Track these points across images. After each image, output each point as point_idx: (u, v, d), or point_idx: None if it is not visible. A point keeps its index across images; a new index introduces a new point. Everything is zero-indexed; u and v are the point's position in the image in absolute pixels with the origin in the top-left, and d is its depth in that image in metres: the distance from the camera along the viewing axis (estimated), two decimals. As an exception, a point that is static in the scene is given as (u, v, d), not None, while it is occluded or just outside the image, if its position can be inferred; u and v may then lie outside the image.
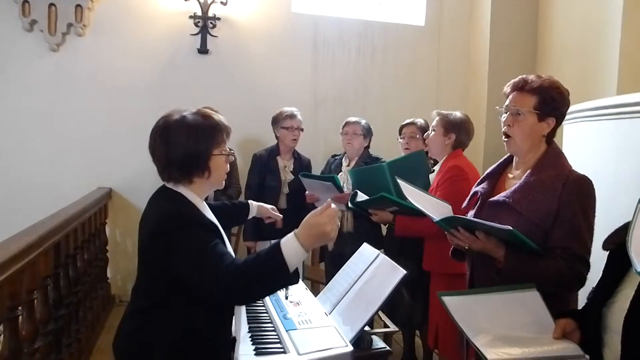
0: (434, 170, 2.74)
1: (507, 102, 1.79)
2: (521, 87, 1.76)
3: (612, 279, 1.38)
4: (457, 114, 2.67)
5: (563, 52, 3.87)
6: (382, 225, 3.15)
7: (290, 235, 1.33)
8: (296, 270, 1.33)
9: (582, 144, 2.78)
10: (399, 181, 2.04)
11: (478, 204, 1.88)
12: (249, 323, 1.76)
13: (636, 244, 1.02)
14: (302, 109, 3.60)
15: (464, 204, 2.03)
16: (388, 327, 1.99)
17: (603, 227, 1.68)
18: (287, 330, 1.65)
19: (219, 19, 4.08)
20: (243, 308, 1.76)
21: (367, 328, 1.81)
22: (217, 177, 1.52)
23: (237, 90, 4.20)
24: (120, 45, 4.05)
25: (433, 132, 2.64)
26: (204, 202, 1.59)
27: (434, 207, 1.89)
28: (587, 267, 1.63)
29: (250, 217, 2.09)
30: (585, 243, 1.63)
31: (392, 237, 2.87)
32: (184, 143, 1.44)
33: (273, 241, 1.35)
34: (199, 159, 1.46)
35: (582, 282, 1.63)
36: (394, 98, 4.43)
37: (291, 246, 1.31)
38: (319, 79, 4.37)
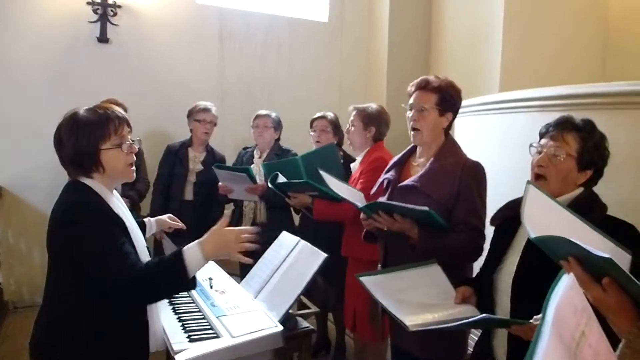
0: (354, 160, 2.86)
1: (411, 100, 2.00)
2: (424, 87, 1.98)
3: (499, 249, 1.62)
4: (373, 106, 2.76)
5: (453, 52, 4.22)
6: (292, 215, 3.27)
7: (195, 243, 1.43)
8: (194, 277, 1.43)
9: (471, 135, 3.11)
10: (322, 173, 2.16)
11: (389, 190, 2.08)
12: (176, 314, 1.79)
13: (528, 216, 1.22)
14: (209, 101, 3.59)
15: (373, 191, 2.22)
16: (309, 308, 2.11)
17: (489, 206, 1.95)
18: (217, 317, 1.70)
19: (119, 6, 3.91)
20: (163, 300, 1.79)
21: (291, 310, 1.91)
22: (115, 170, 1.50)
23: (141, 81, 4.06)
24: (11, 31, 3.72)
25: (353, 127, 2.71)
26: (114, 193, 1.57)
27: (351, 195, 2.06)
28: (484, 238, 1.88)
29: (150, 234, 1.97)
30: (482, 218, 1.88)
31: (307, 226, 3.00)
32: (68, 141, 1.44)
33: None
34: (86, 155, 1.45)
35: (480, 251, 1.88)
36: (300, 92, 4.55)
37: (193, 254, 1.41)
38: (226, 71, 4.36)
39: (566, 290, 0.83)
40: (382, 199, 2.07)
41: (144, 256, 1.53)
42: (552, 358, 0.74)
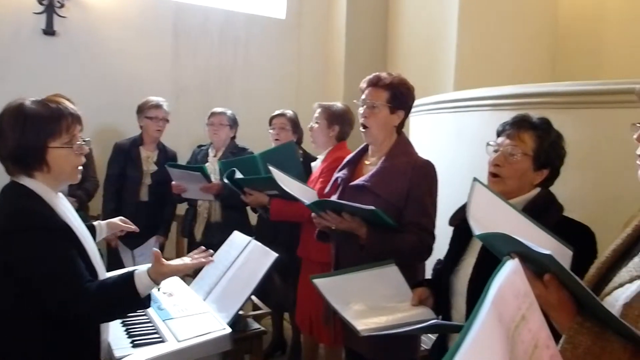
0: (316, 159, 2.83)
1: (363, 97, 1.99)
2: (375, 83, 1.97)
3: (456, 251, 1.61)
4: (339, 105, 2.74)
5: (409, 50, 4.25)
6: (249, 215, 3.22)
7: (143, 272, 1.37)
8: (149, 295, 1.39)
9: (425, 134, 3.14)
10: (271, 168, 2.12)
11: (340, 188, 2.07)
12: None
13: (473, 213, 1.22)
14: (163, 97, 3.48)
15: (327, 190, 2.21)
16: (260, 309, 2.07)
17: (443, 205, 1.96)
18: (163, 320, 1.65)
19: (67, -2, 3.75)
20: None
21: (241, 312, 1.87)
22: (61, 172, 1.39)
23: (91, 77, 3.90)
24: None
25: (317, 124, 2.69)
26: (60, 195, 1.47)
27: (303, 193, 2.03)
28: (433, 238, 1.89)
29: (100, 238, 1.84)
30: (432, 218, 1.89)
31: (265, 226, 2.95)
32: (12, 133, 1.33)
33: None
34: (32, 151, 1.34)
35: (430, 252, 1.89)
36: (257, 89, 4.49)
37: (143, 281, 1.36)
38: (180, 67, 4.25)
39: (509, 274, 0.82)
40: (334, 198, 2.05)
41: (97, 265, 1.44)
42: (488, 333, 0.72)
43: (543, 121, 1.54)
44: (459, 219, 1.63)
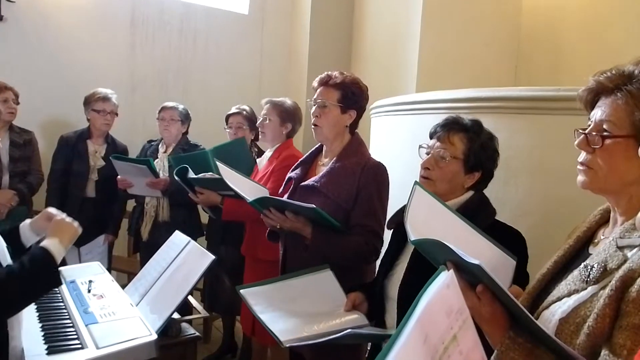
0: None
1: (314, 96, 1.97)
2: (326, 82, 1.94)
3: (392, 254, 1.59)
4: (289, 102, 2.69)
5: (373, 50, 4.21)
6: (199, 213, 3.11)
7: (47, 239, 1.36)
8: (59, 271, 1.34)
9: (385, 135, 3.09)
10: (218, 164, 2.08)
11: (292, 188, 2.03)
12: (42, 321, 1.59)
13: (411, 218, 1.17)
14: (118, 90, 3.35)
15: (281, 189, 2.16)
16: (199, 313, 1.97)
17: (398, 208, 1.92)
18: (86, 325, 1.53)
19: (15, -19, 3.56)
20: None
21: (177, 315, 1.77)
22: None
23: (41, 65, 3.71)
24: None
25: (269, 121, 2.62)
26: None
27: (252, 190, 2.00)
28: (381, 242, 1.85)
29: (32, 241, 1.53)
30: (380, 221, 1.84)
31: (216, 225, 2.86)
32: None
33: None
34: None
35: (377, 255, 1.84)
36: (217, 84, 4.37)
37: (52, 243, 1.35)
38: (137, 59, 4.09)
39: (442, 288, 0.75)
40: (285, 198, 2.01)
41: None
42: (408, 357, 0.65)
43: (474, 123, 1.52)
44: (395, 222, 1.64)
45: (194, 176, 2.40)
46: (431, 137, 1.57)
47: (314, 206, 1.68)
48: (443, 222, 1.21)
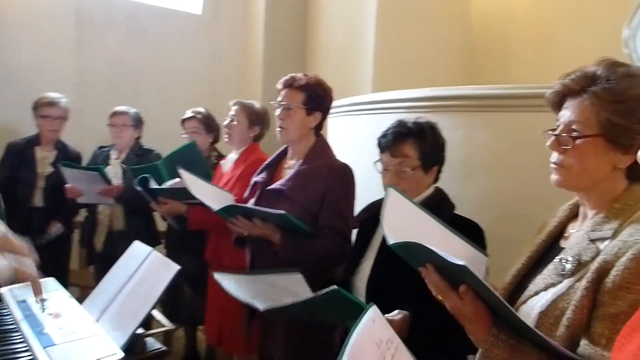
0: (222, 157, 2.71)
1: (279, 98, 1.94)
2: (290, 85, 1.92)
3: (358, 252, 1.63)
4: (258, 105, 2.65)
5: (328, 51, 4.21)
6: (156, 221, 3.01)
7: None
8: None
9: (343, 136, 3.09)
10: (182, 172, 2.00)
11: (257, 193, 1.99)
12: (-8, 346, 1.48)
13: (388, 222, 1.16)
14: (65, 93, 3.17)
15: (246, 194, 2.12)
16: (164, 326, 1.89)
17: (360, 208, 1.92)
18: (44, 348, 1.43)
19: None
20: None
21: (141, 330, 1.69)
22: None
23: (-24, 67, 3.48)
24: None
25: (237, 123, 2.56)
26: None
27: (217, 198, 1.94)
28: (349, 243, 1.84)
29: None
30: (347, 222, 1.84)
31: (175, 234, 2.77)
32: None
33: None
34: None
35: (345, 257, 1.83)
36: (169, 86, 4.23)
37: None
38: (84, 60, 3.88)
39: (367, 322, 0.81)
40: (251, 203, 1.98)
41: None
42: None
43: (416, 125, 1.57)
44: (360, 221, 1.70)
45: (157, 186, 2.32)
46: (382, 150, 1.60)
47: (284, 212, 1.66)
48: (418, 224, 1.21)
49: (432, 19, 3.83)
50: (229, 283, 1.59)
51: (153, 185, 2.37)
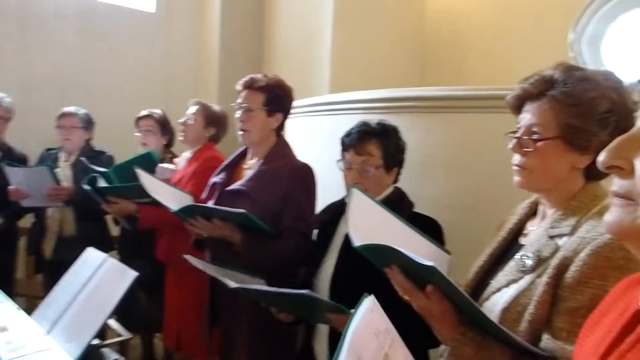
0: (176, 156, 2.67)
1: (239, 100, 1.91)
2: (250, 86, 1.90)
3: (319, 253, 1.63)
4: (218, 108, 2.65)
5: (286, 51, 4.18)
6: (109, 225, 2.90)
7: None
8: None
9: (301, 136, 3.08)
10: (139, 172, 1.96)
11: (216, 193, 1.97)
12: None
13: (353, 223, 1.16)
14: (9, 94, 3.00)
15: (204, 195, 2.09)
16: (120, 335, 1.82)
17: (320, 208, 1.91)
18: (-10, 364, 1.35)
19: None
20: None
21: (97, 341, 1.62)
22: None
23: None
24: None
25: (193, 121, 2.54)
26: None
27: (176, 198, 1.90)
28: (311, 243, 1.83)
29: None
30: (309, 222, 1.83)
31: (129, 238, 2.69)
32: None
33: None
34: None
35: (307, 257, 1.81)
36: (122, 86, 4.08)
37: None
38: (30, 59, 3.69)
39: (366, 312, 0.81)
40: (210, 204, 1.95)
41: None
42: None
43: (381, 126, 1.60)
44: (319, 222, 1.72)
45: (106, 185, 2.24)
46: (345, 149, 1.61)
47: (244, 211, 1.64)
48: (382, 223, 1.21)
49: (387, 20, 3.88)
50: (198, 262, 1.62)
51: (102, 184, 2.29)
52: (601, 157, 0.58)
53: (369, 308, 0.82)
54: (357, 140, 1.56)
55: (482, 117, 2.06)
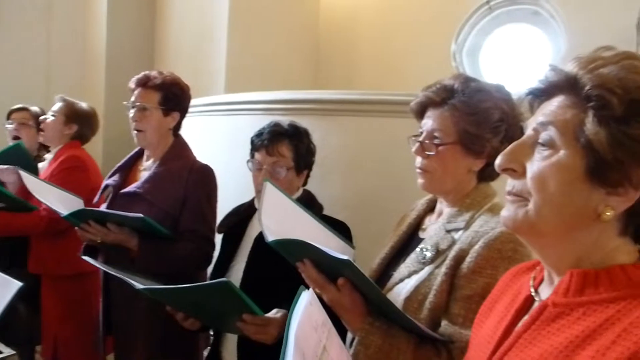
0: (44, 159, 2.48)
1: (132, 98, 1.82)
2: (144, 84, 1.82)
3: (226, 257, 1.60)
4: (84, 105, 2.48)
5: (179, 49, 4.02)
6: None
7: None
8: None
9: (198, 136, 3.00)
10: (22, 173, 1.81)
11: (110, 196, 1.87)
12: None
13: (265, 218, 1.17)
14: None
15: (96, 199, 1.99)
16: (1, 352, 1.65)
17: (218, 209, 1.89)
18: None
19: None
20: None
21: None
22: None
23: None
24: None
25: (53, 118, 2.35)
26: None
27: (64, 201, 1.77)
28: (213, 246, 1.80)
29: None
30: (210, 225, 1.80)
31: (3, 248, 2.45)
32: None
33: None
34: None
35: (209, 260, 1.80)
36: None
37: None
38: None
39: (306, 307, 0.82)
40: (104, 207, 1.85)
41: None
42: None
43: (293, 127, 1.61)
44: (226, 226, 1.67)
45: None
46: (256, 149, 1.58)
47: (142, 215, 1.56)
48: (294, 219, 1.23)
49: (281, 21, 3.90)
50: (99, 264, 1.54)
51: None
52: (498, 161, 0.67)
53: (308, 302, 0.83)
54: (268, 141, 1.54)
55: (376, 121, 2.17)
